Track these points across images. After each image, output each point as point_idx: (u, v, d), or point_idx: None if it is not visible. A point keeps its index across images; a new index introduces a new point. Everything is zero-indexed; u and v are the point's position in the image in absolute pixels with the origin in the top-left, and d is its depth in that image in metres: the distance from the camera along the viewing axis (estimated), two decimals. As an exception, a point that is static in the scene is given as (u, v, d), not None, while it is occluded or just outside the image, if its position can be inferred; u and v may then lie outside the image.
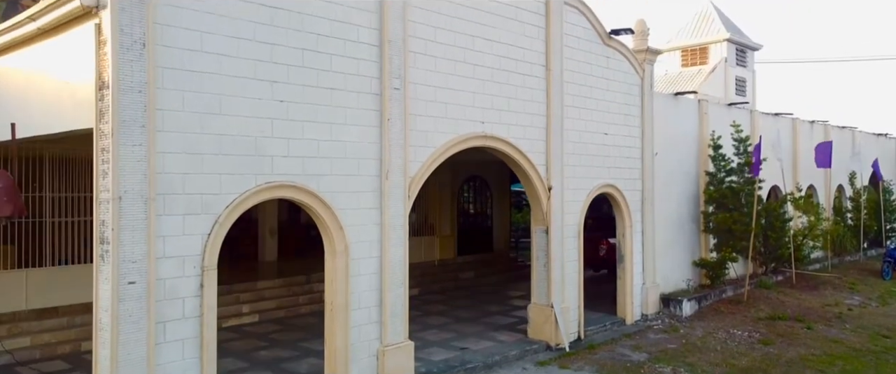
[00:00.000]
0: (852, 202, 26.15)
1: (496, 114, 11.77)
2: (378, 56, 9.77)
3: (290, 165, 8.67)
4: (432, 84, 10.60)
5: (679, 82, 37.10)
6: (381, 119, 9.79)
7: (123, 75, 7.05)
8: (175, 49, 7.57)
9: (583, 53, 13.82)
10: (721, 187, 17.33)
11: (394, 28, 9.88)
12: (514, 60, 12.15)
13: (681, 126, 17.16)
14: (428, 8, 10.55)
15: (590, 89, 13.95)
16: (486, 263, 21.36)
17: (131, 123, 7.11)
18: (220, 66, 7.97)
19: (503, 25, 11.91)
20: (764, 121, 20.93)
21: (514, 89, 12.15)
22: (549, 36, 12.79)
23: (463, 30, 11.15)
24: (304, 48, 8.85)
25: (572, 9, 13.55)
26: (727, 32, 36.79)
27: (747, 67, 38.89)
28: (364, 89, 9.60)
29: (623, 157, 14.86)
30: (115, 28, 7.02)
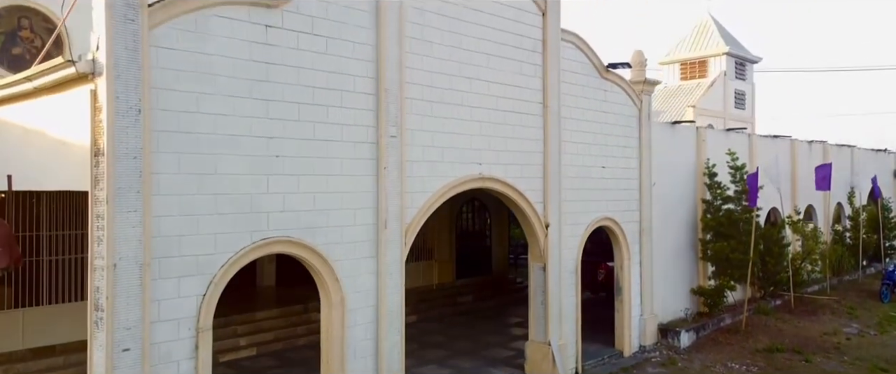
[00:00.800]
0: (851, 222, 26.14)
1: (493, 154, 11.77)
2: (374, 104, 9.77)
3: (286, 219, 8.67)
4: (429, 129, 10.60)
5: (678, 95, 37.14)
6: (378, 168, 9.79)
7: (119, 143, 7.05)
8: (171, 112, 7.57)
9: (580, 88, 13.82)
10: (718, 215, 17.32)
11: (390, 76, 9.88)
12: (512, 99, 12.15)
13: (678, 154, 17.15)
14: (425, 53, 10.55)
15: (587, 123, 13.95)
16: (485, 286, 21.34)
17: (127, 189, 7.11)
18: (216, 125, 7.96)
19: (500, 65, 11.91)
20: (762, 144, 20.92)
21: (512, 128, 12.14)
22: (545, 73, 12.79)
23: (460, 72, 11.15)
24: (300, 102, 8.85)
25: (569, 44, 13.54)
26: (726, 46, 36.84)
27: (747, 79, 38.94)
28: (360, 139, 9.60)
29: (621, 188, 14.85)
30: (111, 95, 7.02)
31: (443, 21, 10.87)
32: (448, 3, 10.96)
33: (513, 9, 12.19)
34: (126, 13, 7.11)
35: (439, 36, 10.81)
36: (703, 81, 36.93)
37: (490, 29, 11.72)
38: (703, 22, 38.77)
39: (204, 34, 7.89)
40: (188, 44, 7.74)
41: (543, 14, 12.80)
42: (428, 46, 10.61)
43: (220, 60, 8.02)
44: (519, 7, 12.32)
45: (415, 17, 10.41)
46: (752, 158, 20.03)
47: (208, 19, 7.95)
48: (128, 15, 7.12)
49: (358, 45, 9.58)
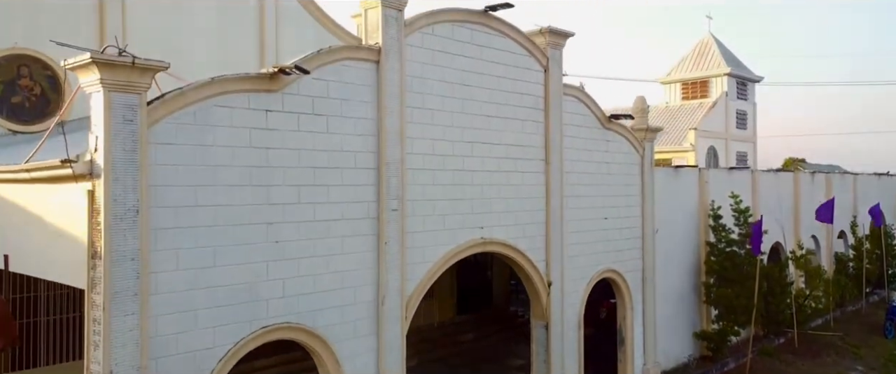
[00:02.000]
0: (854, 251, 26.01)
1: (495, 216, 11.68)
2: (375, 179, 9.68)
3: (286, 305, 8.57)
4: (431, 198, 10.51)
5: (679, 115, 37.01)
6: (378, 242, 9.70)
7: (116, 246, 6.96)
8: (169, 208, 7.48)
9: (582, 140, 13.73)
10: (722, 259, 17.21)
11: (392, 150, 9.79)
12: (514, 158, 12.06)
13: (681, 197, 17.06)
14: (426, 122, 10.46)
15: (590, 176, 13.85)
16: (486, 321, 21.21)
17: (124, 292, 7.01)
18: (215, 217, 7.88)
19: (503, 126, 11.82)
20: (764, 180, 20.82)
21: (514, 188, 12.05)
22: (548, 129, 12.70)
23: (462, 137, 11.06)
24: (300, 184, 8.76)
25: (571, 97, 13.46)
26: (728, 67, 36.75)
27: (748, 99, 38.84)
28: (361, 215, 9.51)
29: (623, 238, 14.75)
30: (108, 198, 6.93)
31: (444, 87, 10.79)
32: (451, 69, 10.88)
33: (515, 68, 12.11)
34: (125, 114, 7.03)
35: (440, 103, 10.72)
36: (705, 101, 36.83)
37: (493, 90, 11.63)
38: (705, 42, 38.69)
39: (203, 125, 7.81)
40: (188, 137, 7.66)
41: (545, 70, 12.72)
42: (429, 115, 10.53)
43: (219, 151, 7.93)
44: (521, 66, 12.24)
45: (417, 86, 10.32)
46: (755, 194, 19.93)
47: (208, 110, 7.87)
48: (126, 116, 7.04)
49: (359, 121, 9.50)
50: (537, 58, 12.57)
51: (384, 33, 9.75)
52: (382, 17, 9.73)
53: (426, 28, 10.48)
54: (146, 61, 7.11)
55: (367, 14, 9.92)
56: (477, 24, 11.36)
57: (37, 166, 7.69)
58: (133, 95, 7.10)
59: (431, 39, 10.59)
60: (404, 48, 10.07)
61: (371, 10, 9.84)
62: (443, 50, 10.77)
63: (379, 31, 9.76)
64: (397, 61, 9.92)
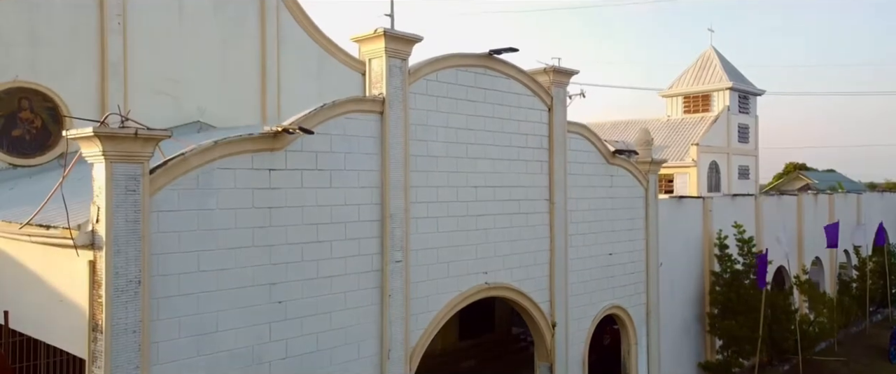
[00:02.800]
0: (857, 271, 25.92)
1: (499, 260, 11.58)
2: (379, 231, 9.59)
3: (289, 366, 8.48)
4: (434, 246, 10.42)
5: (681, 129, 36.93)
6: (382, 295, 9.61)
7: (117, 319, 6.86)
8: (172, 276, 7.39)
9: (586, 177, 13.64)
10: (727, 290, 17.12)
11: (395, 201, 9.70)
12: (518, 200, 11.97)
13: (685, 227, 16.98)
14: (430, 169, 10.37)
15: (594, 212, 13.77)
16: (489, 346, 21.12)
17: (125, 365, 6.92)
18: (217, 282, 7.79)
19: (506, 168, 11.74)
20: (768, 205, 20.73)
21: (517, 230, 11.96)
22: (552, 168, 12.61)
23: (466, 182, 10.97)
24: (303, 242, 8.67)
25: (575, 135, 13.37)
26: (730, 81, 36.66)
27: (750, 113, 38.75)
28: (364, 268, 9.42)
29: (627, 273, 14.66)
30: (110, 271, 6.84)
31: (448, 133, 10.70)
32: (455, 114, 10.80)
33: (519, 108, 12.02)
34: (128, 185, 6.94)
35: (444, 148, 10.64)
36: (707, 115, 36.74)
37: (496, 132, 11.55)
38: (707, 55, 38.61)
39: (206, 189, 7.72)
40: (190, 202, 7.57)
41: (549, 109, 12.64)
42: (433, 162, 10.44)
43: (222, 214, 7.84)
44: (526, 106, 12.15)
45: (420, 133, 10.24)
46: (759, 220, 19.85)
47: (211, 173, 7.78)
48: (129, 186, 6.95)
49: (363, 173, 9.41)
50: (541, 97, 12.48)
51: (388, 84, 9.67)
52: (386, 68, 9.65)
53: (430, 75, 10.40)
54: (149, 132, 7.02)
55: (370, 63, 9.84)
56: (480, 67, 11.28)
57: (38, 233, 7.58)
58: (136, 164, 7.00)
59: (435, 86, 10.50)
60: (408, 97, 9.99)
61: (375, 60, 9.76)
62: (447, 95, 10.69)
63: (383, 81, 9.68)
64: (401, 111, 9.84)
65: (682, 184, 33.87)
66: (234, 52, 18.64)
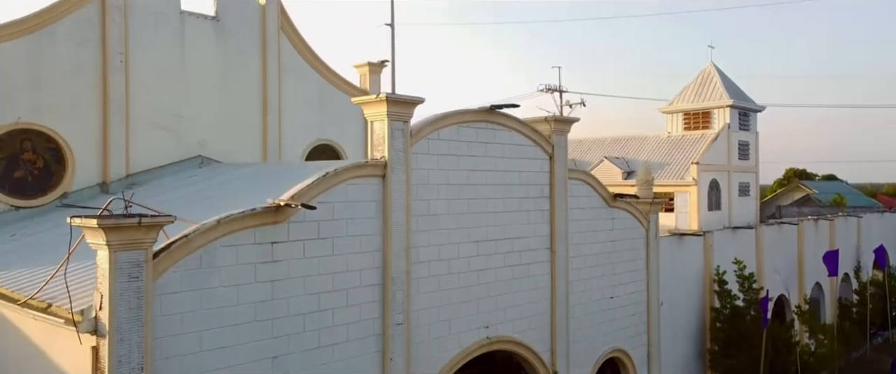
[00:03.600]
0: (858, 296, 25.94)
1: (500, 313, 11.61)
2: (380, 295, 9.62)
3: (292, 438, 8.49)
4: (436, 304, 10.45)
5: (682, 147, 36.91)
6: (383, 359, 9.62)
7: (121, 407, 6.88)
8: (174, 358, 7.41)
9: (587, 222, 13.66)
10: (728, 326, 17.14)
11: (397, 264, 9.73)
12: (519, 252, 11.99)
13: (685, 263, 17.00)
14: (431, 228, 10.40)
15: (595, 257, 13.79)
16: (489, 375, 21.08)
17: (129, 452, 6.94)
18: (219, 359, 7.81)
19: (508, 220, 11.76)
20: (768, 236, 20.76)
21: (519, 281, 11.98)
22: (553, 217, 12.63)
23: (468, 237, 11.00)
24: (306, 312, 8.70)
25: (576, 181, 13.39)
26: (730, 99, 36.55)
27: (750, 129, 38.67)
28: (366, 333, 9.44)
29: (628, 315, 14.68)
30: (113, 359, 6.86)
31: (450, 190, 10.73)
32: (456, 170, 10.82)
33: (520, 159, 12.05)
34: (131, 272, 6.96)
35: (446, 206, 10.66)
36: (707, 132, 36.63)
37: (498, 185, 11.58)
38: (707, 71, 38.57)
39: (209, 268, 7.74)
40: (193, 282, 7.60)
41: (551, 157, 12.67)
42: (435, 220, 10.46)
43: (224, 291, 7.87)
44: (527, 156, 12.18)
45: (422, 193, 10.26)
46: (760, 251, 19.87)
47: (214, 251, 7.80)
48: (132, 273, 6.97)
49: (364, 238, 9.44)
50: (542, 146, 12.51)
51: (390, 146, 9.70)
52: (389, 131, 9.68)
53: (432, 134, 10.43)
54: (153, 218, 7.03)
55: (372, 125, 9.86)
56: (482, 122, 11.31)
57: (40, 310, 7.59)
58: (139, 251, 7.02)
59: (437, 144, 10.53)
60: (410, 157, 10.02)
61: (377, 123, 9.78)
62: (448, 153, 10.72)
63: (385, 144, 9.71)
64: (403, 173, 9.87)
65: (682, 202, 33.81)
66: (236, 84, 18.65)
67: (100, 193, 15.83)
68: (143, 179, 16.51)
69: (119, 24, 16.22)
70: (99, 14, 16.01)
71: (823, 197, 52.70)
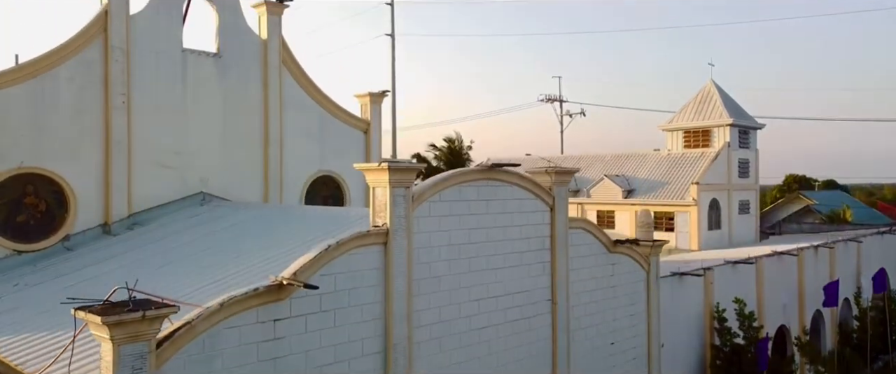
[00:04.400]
0: (858, 322, 25.98)
1: (502, 368, 11.64)
2: (382, 363, 9.67)
3: None
4: (438, 366, 10.49)
5: (682, 164, 37.00)
6: (386, 426, 9.66)
7: None
8: (178, 445, 7.45)
9: (588, 270, 13.70)
10: (728, 364, 17.18)
11: (399, 331, 9.77)
12: (520, 306, 12.03)
13: (686, 302, 17.04)
14: (433, 290, 10.44)
15: (596, 304, 13.83)
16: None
17: None
18: (223, 442, 7.84)
19: (510, 275, 11.80)
20: (769, 268, 20.80)
21: (519, 336, 12.02)
22: (554, 268, 12.67)
23: (469, 296, 11.04)
24: (308, 388, 8.73)
25: (577, 230, 13.43)
26: (730, 117, 36.65)
27: (750, 147, 38.77)
28: (368, 402, 9.47)
29: (628, 359, 14.72)
30: (117, 453, 6.90)
31: (451, 250, 10.77)
32: (457, 230, 10.87)
33: (521, 213, 12.10)
34: (134, 364, 7.00)
35: (447, 267, 10.71)
36: (707, 150, 36.70)
37: (499, 241, 11.62)
38: (707, 89, 38.66)
39: (212, 352, 7.79)
40: (196, 369, 7.64)
41: (551, 209, 12.71)
42: (436, 282, 10.51)
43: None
44: (527, 209, 12.23)
45: (424, 256, 10.31)
46: (760, 284, 19.91)
47: (217, 334, 7.84)
48: (135, 366, 7.01)
49: (366, 306, 9.48)
50: (543, 199, 12.55)
51: (392, 213, 9.74)
52: (391, 197, 9.72)
53: (434, 197, 10.48)
54: (157, 310, 7.06)
55: (374, 191, 9.91)
56: (483, 180, 11.36)
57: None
58: (142, 343, 7.06)
59: (439, 206, 10.58)
60: (412, 222, 10.06)
61: (379, 189, 9.83)
62: (449, 213, 10.76)
63: (387, 211, 9.75)
64: (405, 239, 9.91)
65: (682, 222, 33.90)
66: (237, 119, 18.71)
67: (102, 233, 15.90)
68: (145, 218, 16.57)
69: (121, 64, 16.29)
70: (101, 55, 16.08)
71: (823, 208, 52.75)
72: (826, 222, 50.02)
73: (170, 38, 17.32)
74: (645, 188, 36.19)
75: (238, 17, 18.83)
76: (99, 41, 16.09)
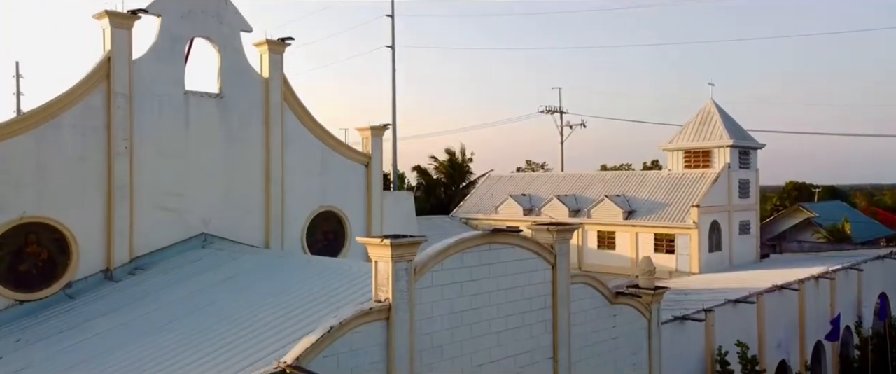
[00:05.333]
0: (859, 351, 25.98)
1: (503, 431, 11.67)
2: (385, 437, 9.69)
3: None
4: (440, 433, 10.52)
5: (682, 185, 37.03)
6: None
7: None
8: None
9: (591, 323, 13.73)
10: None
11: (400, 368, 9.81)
12: (520, 367, 12.06)
13: (687, 346, 17.05)
14: (436, 359, 10.46)
15: (597, 357, 13.85)
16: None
17: None
18: None
19: (511, 337, 11.84)
20: (769, 301, 20.81)
21: (521, 396, 12.05)
22: (556, 325, 12.70)
23: (470, 362, 11.08)
24: None
25: (579, 284, 13.47)
26: (730, 139, 36.66)
27: (750, 167, 38.78)
28: None
29: (630, 409, 14.75)
30: None
31: (453, 318, 10.81)
32: (460, 298, 10.91)
33: (523, 274, 12.14)
34: None
35: (450, 335, 10.75)
36: (708, 171, 36.69)
37: (501, 305, 11.66)
38: (707, 110, 38.69)
39: (216, 445, 7.81)
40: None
41: (553, 266, 12.74)
42: (438, 352, 10.55)
43: None
44: (529, 269, 12.26)
45: (426, 327, 10.35)
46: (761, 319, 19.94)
47: (220, 427, 7.87)
48: None
49: (369, 383, 9.51)
50: (545, 257, 12.59)
51: (395, 287, 9.78)
52: (393, 272, 9.76)
53: (436, 267, 10.51)
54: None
55: (377, 265, 9.94)
56: (484, 244, 11.40)
57: None
58: None
59: (440, 275, 10.62)
60: (414, 294, 10.10)
61: (381, 263, 9.86)
62: (452, 281, 10.80)
63: (389, 285, 9.79)
64: (407, 312, 9.95)
65: (683, 245, 33.90)
66: (238, 158, 18.76)
67: (104, 280, 15.95)
68: (147, 262, 16.63)
69: (124, 110, 16.35)
70: (104, 102, 16.14)
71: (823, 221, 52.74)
72: (827, 237, 50.13)
73: (172, 82, 17.38)
74: (645, 209, 36.20)
75: (240, 58, 18.89)
76: (102, 87, 16.15)
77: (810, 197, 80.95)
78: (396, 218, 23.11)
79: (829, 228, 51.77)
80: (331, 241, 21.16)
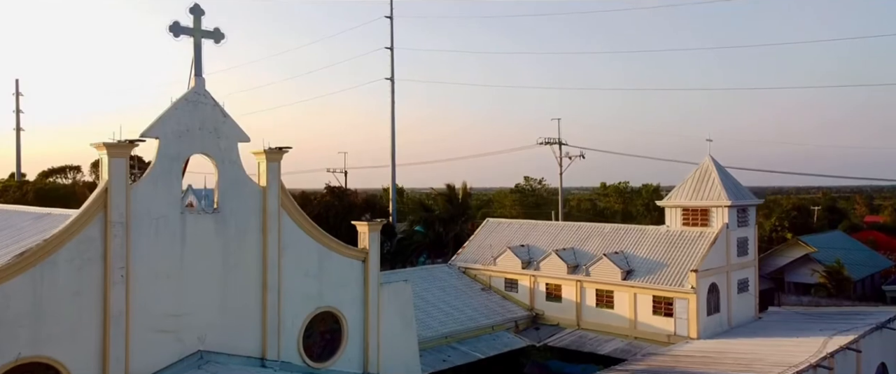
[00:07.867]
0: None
1: None
2: None
3: None
4: None
5: (681, 245, 36.99)
6: None
7: None
8: None
9: None
10: None
11: None
12: None
13: None
14: None
15: None
16: None
17: None
18: None
19: None
20: None
21: None
22: None
23: None
24: None
25: None
26: (728, 199, 36.64)
27: (748, 224, 38.80)
28: None
29: None
30: None
31: None
32: None
33: None
34: None
35: None
36: (706, 230, 36.65)
37: None
38: (705, 167, 38.71)
39: None
40: None
41: None
42: None
43: None
44: None
45: None
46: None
47: None
48: None
49: None
50: None
51: None
52: None
53: None
54: None
55: None
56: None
57: None
58: None
59: None
60: None
61: None
62: None
63: None
64: None
65: (681, 309, 33.87)
66: (235, 269, 18.71)
67: (100, 408, 15.92)
68: (143, 387, 16.60)
69: (121, 238, 16.35)
70: (101, 232, 16.15)
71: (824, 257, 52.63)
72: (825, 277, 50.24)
73: (169, 203, 17.37)
74: (644, 269, 36.16)
75: (238, 170, 18.89)
76: (99, 217, 16.15)
77: (809, 215, 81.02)
78: (394, 309, 23.10)
79: (828, 268, 51.71)
80: (328, 341, 21.14)
